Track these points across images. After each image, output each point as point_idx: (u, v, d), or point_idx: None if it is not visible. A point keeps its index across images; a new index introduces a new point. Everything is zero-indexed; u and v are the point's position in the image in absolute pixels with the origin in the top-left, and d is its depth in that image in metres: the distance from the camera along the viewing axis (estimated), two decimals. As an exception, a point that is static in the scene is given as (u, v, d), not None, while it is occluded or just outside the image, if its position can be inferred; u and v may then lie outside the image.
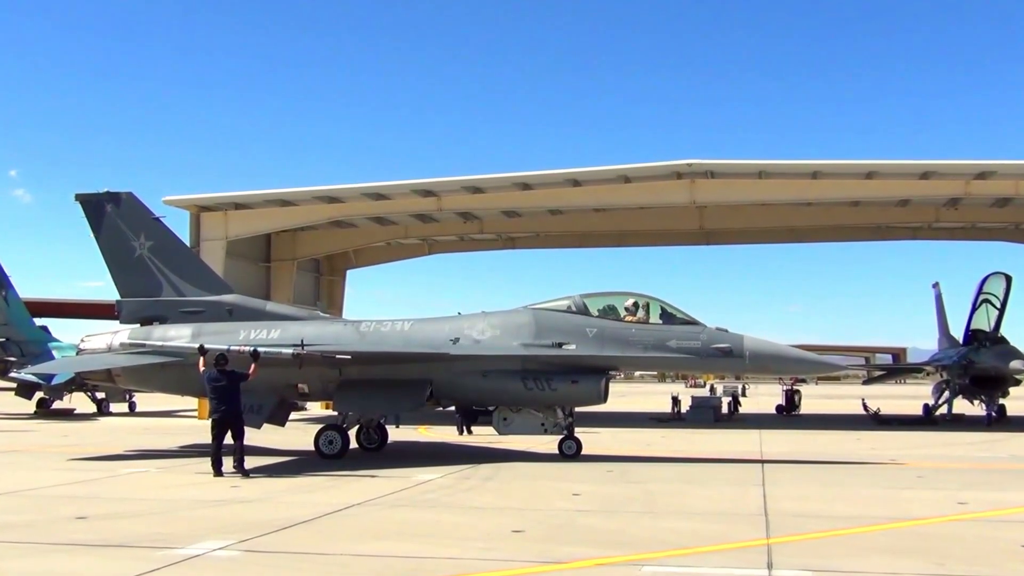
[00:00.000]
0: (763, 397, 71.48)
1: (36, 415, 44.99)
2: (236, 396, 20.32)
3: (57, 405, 46.76)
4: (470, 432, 24.55)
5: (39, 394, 46.05)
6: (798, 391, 51.25)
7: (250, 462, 21.45)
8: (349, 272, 55.56)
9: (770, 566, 10.85)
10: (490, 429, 24.40)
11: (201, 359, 20.95)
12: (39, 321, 48.94)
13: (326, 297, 51.81)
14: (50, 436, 32.32)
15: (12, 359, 43.63)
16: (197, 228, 42.31)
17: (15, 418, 42.66)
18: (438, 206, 42.37)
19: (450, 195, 41.58)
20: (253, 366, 20.88)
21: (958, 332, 45.34)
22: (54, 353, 43.29)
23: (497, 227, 48.64)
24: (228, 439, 20.25)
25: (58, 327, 52.07)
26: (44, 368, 35.42)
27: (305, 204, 42.71)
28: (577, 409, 24.27)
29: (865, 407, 45.93)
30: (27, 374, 40.32)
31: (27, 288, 58.37)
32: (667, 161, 38.68)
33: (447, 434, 31.04)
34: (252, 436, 24.93)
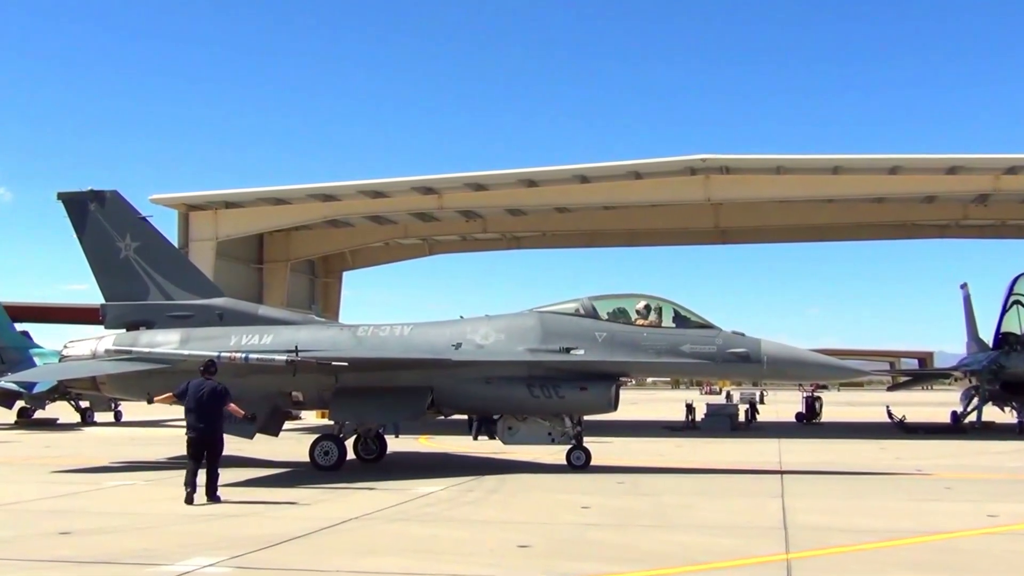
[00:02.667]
0: (782, 404, 71.44)
1: (17, 425, 45.05)
2: (218, 414, 18.43)
3: (39, 415, 46.87)
4: (475, 439, 24.52)
5: (20, 403, 46.12)
6: (819, 398, 51.18)
7: (241, 474, 21.48)
8: (346, 274, 55.64)
9: (789, 583, 10.85)
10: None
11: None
12: (20, 326, 49.06)
13: (321, 300, 51.80)
14: (32, 447, 32.37)
15: (-9, 367, 43.66)
16: (186, 228, 42.33)
17: (-5, 428, 42.72)
18: (439, 204, 42.37)
19: (451, 192, 41.59)
20: (233, 405, 18.85)
21: (988, 335, 45.24)
22: (36, 360, 43.37)
23: (501, 226, 48.64)
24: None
25: (40, 332, 52.26)
26: (25, 376, 35.40)
27: (299, 202, 42.74)
28: (586, 418, 24.27)
29: (890, 415, 45.87)
30: (7, 382, 40.30)
31: (7, 291, 58.63)
32: (680, 156, 38.67)
33: (449, 444, 31.09)
34: (244, 446, 24.98)
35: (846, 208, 44.98)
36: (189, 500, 17.31)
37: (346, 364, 22.83)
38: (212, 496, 17.63)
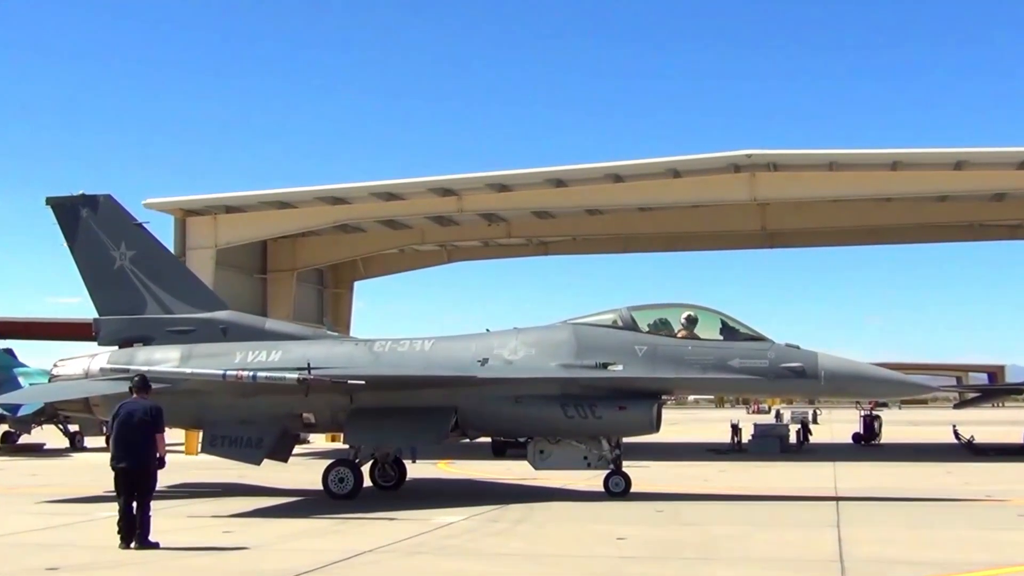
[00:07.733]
0: (837, 424, 71.11)
1: (0, 451, 45.34)
2: (150, 442, 16.98)
3: (24, 440, 47.15)
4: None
5: (3, 428, 46.41)
6: (878, 417, 50.95)
7: (248, 503, 21.58)
8: (357, 284, 55.75)
9: (850, 620, 10.87)
10: (524, 463, 24.41)
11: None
12: (3, 343, 49.34)
13: (331, 312, 51.93)
14: (17, 475, 32.60)
15: (-29, 388, 43.90)
16: (182, 235, 42.52)
17: (-23, 455, 43.05)
18: (459, 207, 42.44)
19: (472, 194, 41.68)
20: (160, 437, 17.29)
21: (1066, 347, 45.05)
22: (20, 380, 43.56)
23: (527, 230, 48.69)
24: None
25: (26, 350, 52.61)
26: (9, 398, 35.63)
27: (306, 206, 42.90)
28: (625, 440, 24.29)
29: (957, 435, 45.63)
30: (-10, 405, 40.62)
31: (-10, 305, 58.86)
32: (723, 152, 38.60)
33: (472, 470, 31.15)
34: (251, 473, 25.13)
35: (906, 207, 44.75)
36: (127, 544, 16.31)
37: (363, 383, 22.88)
38: (143, 541, 16.28)
